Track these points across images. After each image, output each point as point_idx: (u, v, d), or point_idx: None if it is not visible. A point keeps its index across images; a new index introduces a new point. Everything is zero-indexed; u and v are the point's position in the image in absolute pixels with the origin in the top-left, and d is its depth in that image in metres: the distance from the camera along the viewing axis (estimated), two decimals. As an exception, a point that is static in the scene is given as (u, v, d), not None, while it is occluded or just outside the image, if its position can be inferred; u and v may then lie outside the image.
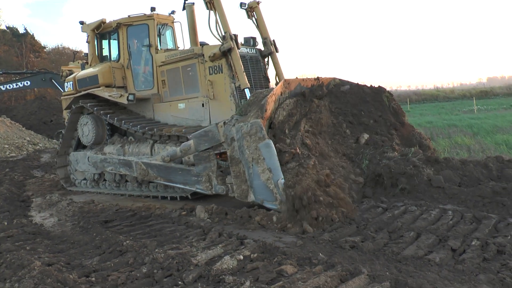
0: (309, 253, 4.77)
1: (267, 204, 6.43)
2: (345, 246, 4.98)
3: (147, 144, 8.94)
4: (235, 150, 6.74)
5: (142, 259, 4.93)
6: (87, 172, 10.07)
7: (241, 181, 6.73)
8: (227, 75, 8.37)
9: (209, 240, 5.52)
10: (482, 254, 4.50)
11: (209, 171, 7.31)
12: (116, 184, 9.63)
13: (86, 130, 9.90)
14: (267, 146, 6.30)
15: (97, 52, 10.36)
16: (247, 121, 6.51)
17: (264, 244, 5.06)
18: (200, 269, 4.46)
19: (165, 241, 5.67)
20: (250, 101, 6.88)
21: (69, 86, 10.40)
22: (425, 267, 4.36)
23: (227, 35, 8.18)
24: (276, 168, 6.22)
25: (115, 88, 9.78)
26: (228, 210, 6.83)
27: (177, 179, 7.87)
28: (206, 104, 8.70)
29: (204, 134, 7.19)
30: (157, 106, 9.53)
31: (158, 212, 7.33)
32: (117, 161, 8.90)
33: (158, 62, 9.48)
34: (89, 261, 5.18)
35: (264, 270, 4.38)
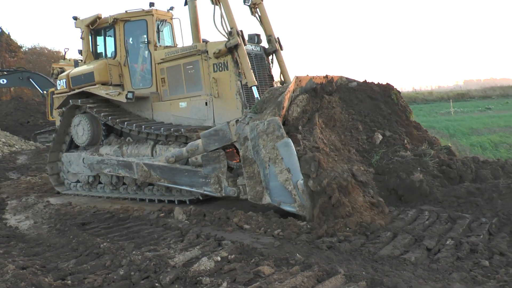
0: (286, 254, 4.77)
1: (284, 206, 5.99)
2: (322, 246, 4.95)
3: (147, 145, 8.38)
4: (249, 149, 6.28)
5: (119, 261, 4.85)
6: (80, 174, 9.44)
7: (255, 183, 6.26)
8: (233, 72, 7.89)
9: (187, 242, 5.45)
10: (456, 253, 4.54)
11: (218, 172, 6.82)
12: (113, 187, 9.03)
13: (80, 130, 9.27)
14: (286, 145, 5.86)
15: (91, 48, 9.72)
16: (263, 119, 6.05)
17: (242, 245, 5.02)
18: (178, 271, 4.41)
19: (143, 243, 5.60)
20: (265, 98, 6.42)
21: (61, 84, 9.75)
22: (401, 266, 4.38)
23: (234, 30, 7.72)
24: (296, 169, 5.79)
25: (112, 86, 9.19)
26: (206, 211, 6.72)
27: (183, 181, 7.35)
28: (210, 102, 8.20)
29: (214, 133, 6.70)
30: (156, 105, 8.98)
31: (136, 214, 7.17)
32: (116, 162, 8.32)
33: (157, 59, 8.94)
34: (65, 264, 5.07)
35: (241, 271, 4.34)
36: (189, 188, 7.30)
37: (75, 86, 9.47)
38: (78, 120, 9.29)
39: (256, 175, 6.25)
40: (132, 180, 8.52)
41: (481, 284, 3.93)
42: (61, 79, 9.78)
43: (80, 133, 9.28)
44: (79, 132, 9.29)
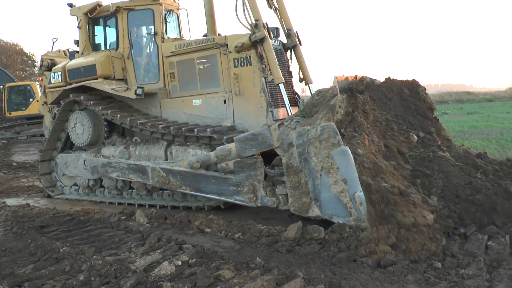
0: (247, 258, 4.71)
1: (337, 219, 5.25)
2: (282, 250, 4.92)
3: (159, 146, 7.39)
4: (294, 157, 5.49)
5: (79, 267, 4.70)
6: (79, 178, 8.30)
7: (301, 193, 5.49)
8: (256, 68, 7.02)
9: (148, 246, 5.33)
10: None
11: (254, 180, 5.97)
12: (117, 191, 7.97)
13: (79, 128, 8.12)
14: (343, 153, 5.09)
15: (89, 39, 8.52)
16: (316, 124, 5.25)
17: (203, 249, 4.93)
18: (138, 276, 4.32)
19: (104, 247, 5.42)
20: (315, 100, 5.61)
21: (56, 78, 8.51)
22: (358, 269, 4.41)
23: (260, 23, 6.82)
24: (354, 179, 5.05)
25: (115, 80, 8.07)
26: (167, 214, 6.60)
27: (209, 189, 6.45)
28: (229, 100, 7.30)
29: (252, 137, 5.84)
30: (166, 102, 7.96)
31: (97, 217, 6.89)
32: (126, 166, 7.27)
33: (165, 52, 7.92)
34: (22, 269, 4.80)
35: (202, 275, 4.26)
36: (217, 196, 6.41)
37: (72, 80, 8.28)
38: (77, 118, 8.12)
39: (302, 185, 5.47)
40: (141, 185, 7.51)
41: (434, 285, 4.01)
42: (55, 71, 8.53)
43: (79, 132, 8.13)
44: (78, 131, 8.14)
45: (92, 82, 7.94)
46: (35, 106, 24.93)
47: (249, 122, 7.16)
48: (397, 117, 7.17)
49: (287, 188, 5.63)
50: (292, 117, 5.59)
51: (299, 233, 5.25)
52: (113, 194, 8.04)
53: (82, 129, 8.05)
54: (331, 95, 5.53)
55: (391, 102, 7.42)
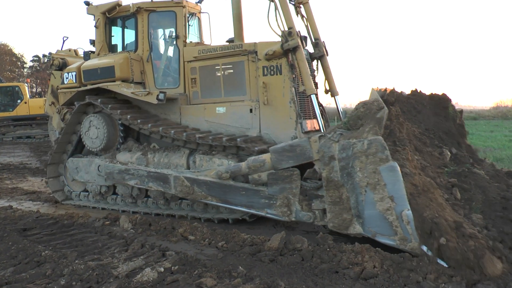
0: (229, 266, 4.75)
1: (381, 238, 5.11)
2: (264, 259, 4.95)
3: (181, 154, 7.16)
4: (334, 171, 5.34)
5: (60, 271, 4.69)
6: (90, 184, 7.99)
7: (342, 209, 5.33)
8: (287, 77, 6.89)
9: (131, 251, 5.36)
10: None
11: (288, 193, 5.80)
12: (132, 199, 7.70)
13: (93, 132, 7.83)
14: (391, 169, 4.96)
15: (106, 39, 8.28)
16: (362, 138, 5.12)
17: (186, 256, 4.99)
18: (120, 281, 4.35)
19: (86, 252, 5.46)
20: (360, 113, 5.47)
21: (69, 78, 8.22)
22: (340, 280, 4.45)
23: (294, 31, 6.71)
24: (402, 197, 4.92)
25: (133, 83, 7.83)
26: (152, 220, 6.67)
27: (238, 201, 6.25)
28: (256, 109, 7.14)
29: (289, 149, 5.68)
30: (186, 108, 7.76)
31: (81, 221, 6.89)
32: (146, 173, 7.01)
33: (187, 56, 7.74)
34: (2, 272, 4.79)
35: (184, 282, 4.32)
36: (246, 209, 6.22)
37: (87, 81, 8.01)
38: (91, 121, 7.83)
39: (343, 200, 5.32)
40: (159, 194, 7.26)
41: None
42: (69, 71, 8.24)
43: (93, 136, 7.84)
44: (92, 134, 7.85)
45: (109, 84, 7.69)
46: (23, 107, 24.42)
47: (276, 133, 7.02)
48: (427, 131, 7.10)
49: (326, 203, 5.47)
50: (335, 129, 5.45)
51: (282, 243, 5.30)
52: (127, 202, 7.76)
53: (97, 133, 7.77)
54: (376, 107, 5.41)
55: (420, 115, 7.35)
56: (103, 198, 8.07)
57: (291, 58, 6.87)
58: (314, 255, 4.99)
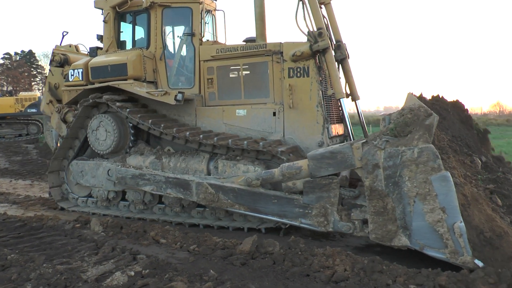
0: (201, 270, 4.75)
1: (430, 251, 4.97)
2: (236, 263, 4.96)
3: (200, 159, 6.87)
4: (379, 180, 5.18)
5: (27, 275, 4.58)
6: (97, 188, 7.57)
7: (387, 220, 5.18)
8: (314, 79, 6.70)
9: (101, 255, 5.30)
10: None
11: (326, 202, 5.60)
12: (144, 206, 7.34)
13: (102, 133, 7.43)
14: (444, 179, 4.83)
15: (115, 35, 7.89)
16: (412, 145, 4.97)
17: (157, 260, 4.98)
18: (90, 286, 4.33)
19: (55, 255, 5.34)
20: (407, 119, 5.31)
21: (75, 75, 7.78)
22: (311, 283, 4.48)
23: (324, 31, 6.54)
24: (454, 208, 4.80)
25: (145, 83, 7.48)
26: (123, 223, 6.62)
27: (269, 209, 6.02)
28: (280, 112, 6.93)
29: (330, 155, 5.48)
30: (202, 110, 7.47)
31: (51, 224, 6.74)
32: (163, 179, 6.68)
33: (203, 55, 7.45)
34: None
35: (154, 286, 4.30)
36: (278, 218, 5.99)
37: (96, 79, 7.60)
38: (101, 121, 7.43)
39: (388, 211, 5.16)
40: (175, 200, 6.94)
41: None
42: (75, 68, 7.80)
43: (101, 137, 7.45)
44: (100, 136, 7.45)
45: (121, 83, 7.31)
46: None
47: (301, 138, 6.83)
48: (455, 138, 7.04)
49: (369, 213, 5.30)
50: (380, 135, 5.28)
51: (254, 246, 5.29)
52: (138, 209, 7.39)
53: (105, 134, 7.39)
54: (425, 114, 5.27)
55: (445, 121, 7.29)
56: (109, 204, 7.67)
57: (319, 60, 6.69)
58: (286, 259, 5.03)
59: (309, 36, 6.66)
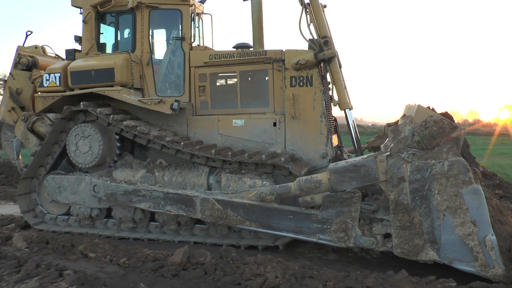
0: (131, 283, 4.70)
1: (459, 265, 4.99)
2: (167, 275, 4.95)
3: (198, 173, 6.48)
4: (404, 193, 5.14)
5: None
6: (78, 206, 6.90)
7: (413, 234, 5.14)
8: (318, 89, 6.58)
9: (24, 273, 5.00)
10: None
11: (347, 217, 5.47)
12: (133, 224, 6.79)
13: (85, 145, 6.79)
14: (475, 192, 4.89)
15: (96, 37, 7.27)
16: (442, 158, 4.98)
17: (85, 275, 4.81)
18: None
19: None
20: (433, 131, 5.31)
21: (51, 80, 7.03)
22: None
23: (330, 40, 6.45)
24: (485, 221, 4.87)
25: (133, 89, 6.96)
26: (49, 238, 6.36)
27: (283, 226, 5.78)
28: (281, 123, 6.73)
29: (353, 169, 5.36)
30: (195, 119, 7.08)
31: None
32: (162, 195, 6.21)
33: (195, 61, 7.09)
34: None
35: None
36: (293, 234, 5.76)
37: (76, 85, 6.93)
38: (83, 132, 6.78)
39: (415, 225, 5.13)
40: (171, 217, 6.49)
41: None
42: (51, 72, 7.06)
43: (83, 150, 6.79)
44: (82, 148, 6.80)
45: (107, 89, 6.73)
46: None
47: (304, 150, 6.67)
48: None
49: (393, 227, 5.24)
50: (406, 148, 5.24)
51: (185, 257, 5.27)
52: (129, 228, 6.83)
53: (89, 146, 6.75)
54: (449, 126, 5.31)
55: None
56: (92, 222, 7.02)
57: (324, 69, 6.57)
58: (217, 268, 5.05)
59: (313, 44, 6.54)
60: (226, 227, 6.36)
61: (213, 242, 6.37)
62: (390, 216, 5.25)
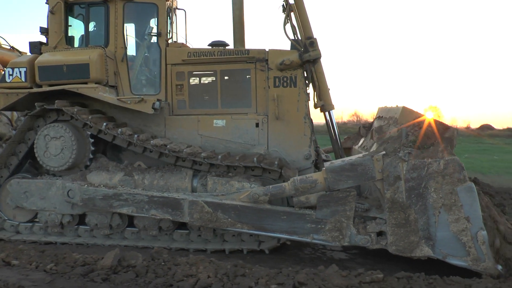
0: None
1: (452, 260, 5.23)
2: (97, 279, 4.86)
3: (182, 175, 6.24)
4: (399, 191, 5.31)
5: None
6: (47, 212, 6.37)
7: (409, 231, 5.32)
8: (302, 90, 6.61)
9: None
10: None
11: (341, 216, 5.53)
12: (109, 230, 6.39)
13: (56, 147, 6.31)
14: (469, 190, 5.14)
15: (65, 30, 6.78)
16: (438, 157, 5.19)
17: (6, 285, 4.61)
18: None
19: None
20: (428, 132, 5.49)
21: (15, 75, 6.44)
22: None
23: (316, 41, 6.50)
24: (478, 217, 5.15)
25: (108, 87, 6.58)
26: None
27: (277, 227, 5.71)
28: (264, 124, 6.68)
29: (350, 168, 5.44)
30: (173, 120, 6.85)
31: None
32: (147, 199, 5.90)
33: (172, 59, 6.87)
34: None
35: None
36: (287, 235, 5.72)
37: (45, 81, 6.41)
38: (54, 132, 6.29)
39: (411, 222, 5.30)
40: (153, 221, 6.19)
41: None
42: (15, 66, 6.46)
43: (54, 152, 6.30)
44: (53, 150, 6.31)
45: (82, 87, 6.31)
46: None
47: (287, 151, 6.67)
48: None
49: (389, 225, 5.37)
50: (401, 147, 5.39)
51: (116, 260, 5.16)
52: (104, 235, 6.43)
53: (61, 148, 6.27)
54: (442, 126, 5.53)
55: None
56: (63, 230, 6.52)
57: (308, 70, 6.61)
58: (149, 270, 5.00)
59: (298, 44, 6.56)
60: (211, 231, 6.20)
61: (144, 245, 6.24)
62: (386, 214, 5.38)
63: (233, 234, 6.21)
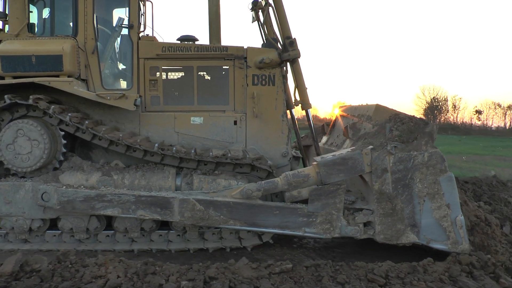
0: None
1: (435, 244, 5.76)
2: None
3: (164, 174, 6.08)
4: (386, 183, 5.72)
5: None
6: (14, 218, 5.82)
7: (396, 220, 5.75)
8: (280, 89, 6.79)
9: None
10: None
11: (332, 209, 5.79)
12: (86, 234, 6.02)
13: (24, 145, 5.79)
14: (449, 179, 5.69)
15: (27, 16, 6.27)
16: (422, 150, 5.66)
17: None
18: None
19: None
20: (410, 126, 5.93)
21: (-28, 65, 5.80)
22: None
23: (295, 41, 6.72)
24: (456, 204, 5.73)
25: (80, 81, 6.21)
26: None
27: (269, 222, 5.81)
28: (242, 121, 6.76)
29: (341, 162, 5.72)
30: (148, 116, 6.65)
31: None
32: (133, 199, 5.66)
33: (144, 53, 6.70)
34: None
35: None
36: (279, 230, 5.83)
37: (9, 73, 5.88)
38: (21, 129, 5.79)
39: (397, 211, 5.73)
40: (135, 223, 5.97)
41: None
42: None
43: (22, 151, 5.79)
44: (21, 149, 5.79)
45: (54, 80, 5.88)
46: None
47: (265, 149, 6.81)
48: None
49: (376, 215, 5.75)
50: (388, 142, 5.77)
51: (18, 266, 4.84)
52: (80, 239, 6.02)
53: (30, 146, 5.78)
54: (422, 122, 6.01)
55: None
56: (33, 235, 6.00)
57: (287, 69, 6.80)
58: (55, 274, 4.75)
59: (277, 44, 6.72)
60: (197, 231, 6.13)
61: (49, 248, 5.99)
62: (374, 205, 5.73)
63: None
